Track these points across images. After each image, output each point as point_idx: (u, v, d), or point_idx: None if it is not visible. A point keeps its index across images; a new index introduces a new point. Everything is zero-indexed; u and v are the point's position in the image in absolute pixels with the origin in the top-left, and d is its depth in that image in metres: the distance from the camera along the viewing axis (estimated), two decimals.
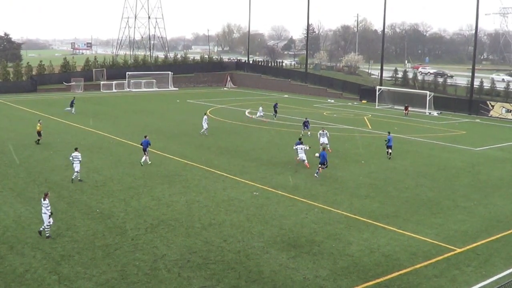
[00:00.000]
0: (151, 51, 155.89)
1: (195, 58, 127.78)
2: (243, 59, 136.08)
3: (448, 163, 43.87)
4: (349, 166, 41.47)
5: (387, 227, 28.12)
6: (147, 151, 40.79)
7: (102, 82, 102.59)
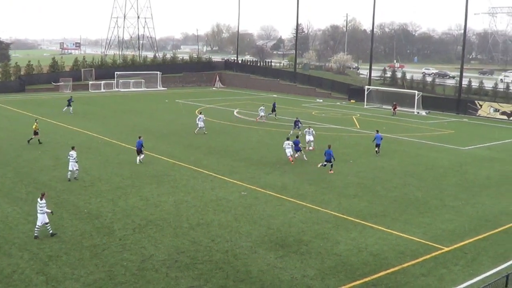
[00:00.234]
0: (140, 51, 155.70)
1: (184, 58, 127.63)
2: (233, 57, 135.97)
3: (435, 163, 44.04)
4: (337, 165, 41.51)
5: (375, 227, 28.20)
6: (142, 152, 41.10)
7: (90, 82, 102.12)
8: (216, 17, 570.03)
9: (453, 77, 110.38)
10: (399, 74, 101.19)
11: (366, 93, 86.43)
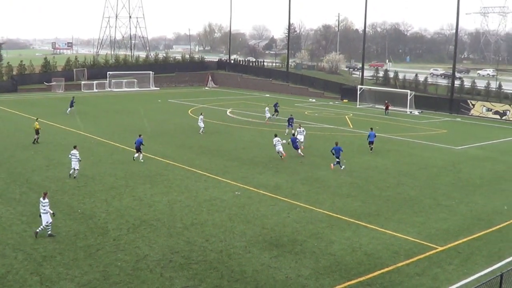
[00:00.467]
0: (132, 51, 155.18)
1: (176, 57, 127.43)
2: (225, 57, 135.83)
3: (429, 162, 44.13)
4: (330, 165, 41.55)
5: (369, 226, 28.23)
6: (141, 151, 41.27)
7: (83, 82, 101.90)
8: (208, 16, 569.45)
9: (460, 78, 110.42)
10: (381, 73, 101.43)
11: (358, 92, 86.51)
